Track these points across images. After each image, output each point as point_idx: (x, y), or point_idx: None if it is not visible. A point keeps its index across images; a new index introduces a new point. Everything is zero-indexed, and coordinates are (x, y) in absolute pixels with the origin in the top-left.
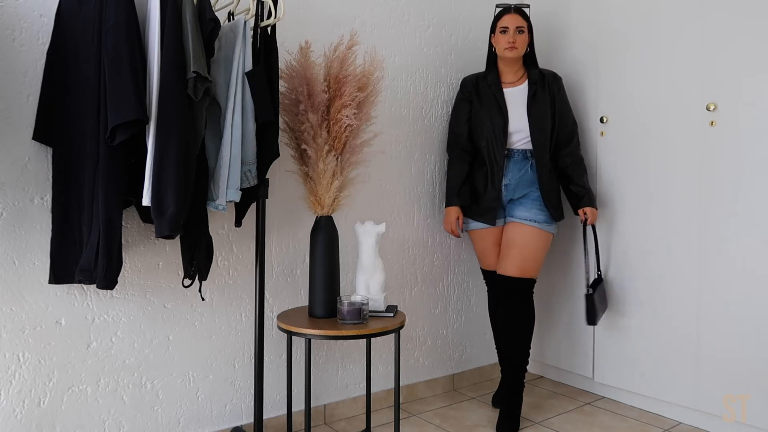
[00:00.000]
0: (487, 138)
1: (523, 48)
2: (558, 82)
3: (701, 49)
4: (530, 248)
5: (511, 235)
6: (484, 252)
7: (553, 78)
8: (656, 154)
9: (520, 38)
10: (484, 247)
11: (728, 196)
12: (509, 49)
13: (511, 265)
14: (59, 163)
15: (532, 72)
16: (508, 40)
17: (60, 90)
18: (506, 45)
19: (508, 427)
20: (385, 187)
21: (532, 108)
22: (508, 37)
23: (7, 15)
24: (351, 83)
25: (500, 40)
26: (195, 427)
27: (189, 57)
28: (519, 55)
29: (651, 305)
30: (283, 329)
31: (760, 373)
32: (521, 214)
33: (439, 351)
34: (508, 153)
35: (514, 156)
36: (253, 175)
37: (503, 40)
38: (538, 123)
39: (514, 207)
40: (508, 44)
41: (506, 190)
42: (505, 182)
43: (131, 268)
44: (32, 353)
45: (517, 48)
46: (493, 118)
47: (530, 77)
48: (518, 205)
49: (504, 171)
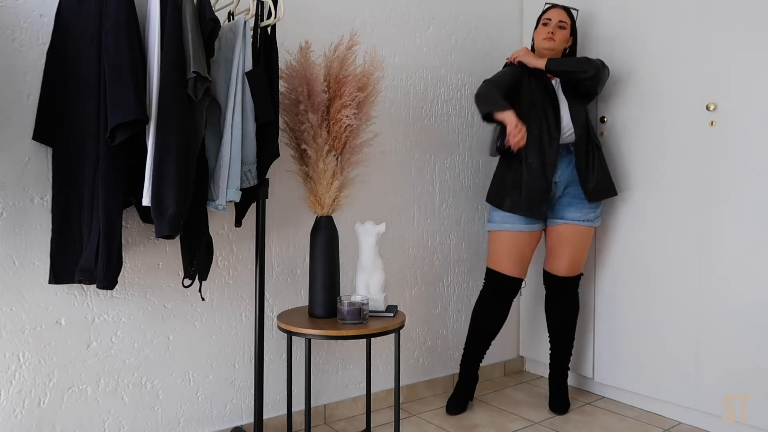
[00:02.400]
0: (539, 128)
1: (561, 43)
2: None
3: (702, 49)
4: (581, 247)
5: (563, 236)
6: (503, 255)
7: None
8: (656, 154)
9: (560, 33)
10: (507, 250)
11: (728, 196)
12: (547, 40)
13: (563, 266)
14: (59, 163)
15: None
16: (548, 30)
17: (60, 90)
18: (545, 35)
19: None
20: (385, 187)
21: (573, 104)
22: (549, 29)
23: (7, 15)
24: (351, 83)
25: (540, 31)
26: (195, 427)
27: (189, 57)
28: (555, 48)
29: (651, 305)
30: (283, 329)
31: (760, 373)
32: (572, 215)
33: (439, 351)
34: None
35: (562, 152)
36: (253, 175)
37: (543, 31)
38: (577, 119)
39: (562, 207)
40: (548, 35)
41: (556, 187)
42: (555, 179)
43: (131, 268)
44: (32, 353)
45: (554, 40)
46: (546, 110)
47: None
48: (567, 205)
49: (555, 167)
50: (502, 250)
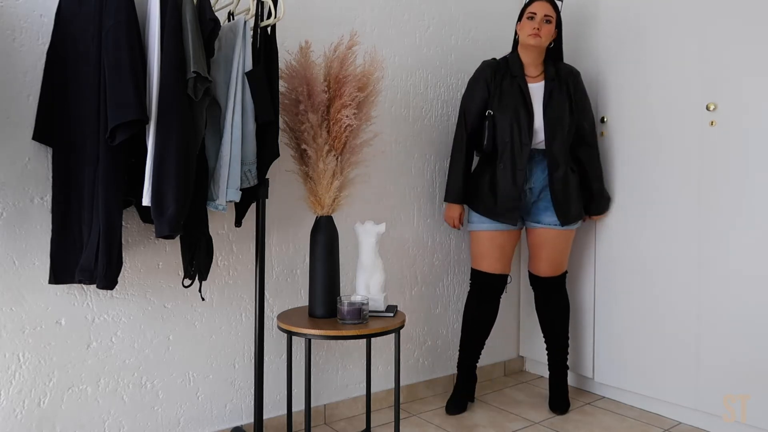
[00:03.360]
0: (511, 133)
1: (547, 39)
2: (575, 77)
3: (701, 48)
4: (559, 249)
5: (541, 239)
6: (484, 254)
7: (569, 73)
8: (656, 154)
9: (545, 27)
10: (487, 249)
11: (728, 196)
12: (532, 36)
13: (544, 267)
14: (59, 163)
15: (548, 69)
16: (533, 26)
17: (60, 90)
18: (530, 31)
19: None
20: (385, 187)
21: (548, 109)
22: (534, 24)
23: (7, 15)
24: (351, 83)
25: (525, 25)
26: (195, 427)
27: (189, 57)
28: (541, 45)
29: (651, 305)
30: (283, 329)
31: (760, 374)
32: (548, 219)
33: (439, 351)
34: (530, 154)
35: (536, 157)
36: (253, 175)
37: (528, 26)
38: (552, 125)
39: (539, 211)
40: (533, 30)
41: (531, 193)
42: (529, 185)
43: (131, 268)
44: (32, 353)
45: (540, 37)
46: (518, 113)
47: (547, 75)
48: (544, 210)
49: (528, 174)
50: (483, 250)
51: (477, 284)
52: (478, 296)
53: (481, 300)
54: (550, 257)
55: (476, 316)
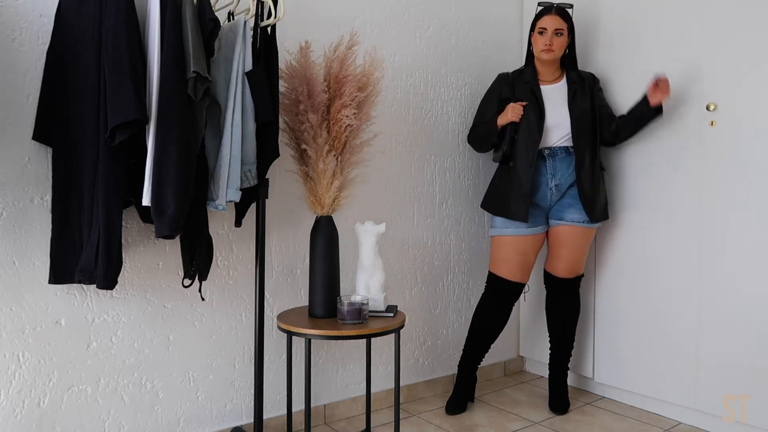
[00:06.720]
0: (521, 131)
1: (560, 51)
2: (596, 83)
3: (701, 48)
4: (580, 249)
5: (562, 237)
6: (505, 259)
7: (591, 78)
8: (656, 153)
9: (557, 41)
10: (509, 255)
11: (728, 196)
12: (545, 52)
13: (562, 267)
14: (59, 163)
15: (570, 73)
16: (545, 42)
17: (60, 90)
18: (543, 47)
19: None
20: (385, 187)
21: (573, 105)
22: (546, 39)
23: (7, 15)
24: (351, 83)
25: (538, 40)
26: (195, 427)
27: (189, 57)
28: (555, 58)
29: (651, 305)
30: (283, 329)
31: (760, 374)
32: (570, 216)
33: (439, 351)
34: (551, 151)
35: (558, 154)
36: (253, 175)
37: (540, 41)
38: (578, 121)
39: (562, 208)
40: (545, 47)
41: (557, 190)
42: (555, 182)
43: (131, 268)
44: (32, 353)
45: (553, 51)
46: (528, 113)
47: (569, 77)
48: (568, 207)
49: (553, 171)
50: (504, 255)
51: (492, 289)
52: (493, 301)
53: (494, 305)
54: (569, 256)
55: (486, 321)
